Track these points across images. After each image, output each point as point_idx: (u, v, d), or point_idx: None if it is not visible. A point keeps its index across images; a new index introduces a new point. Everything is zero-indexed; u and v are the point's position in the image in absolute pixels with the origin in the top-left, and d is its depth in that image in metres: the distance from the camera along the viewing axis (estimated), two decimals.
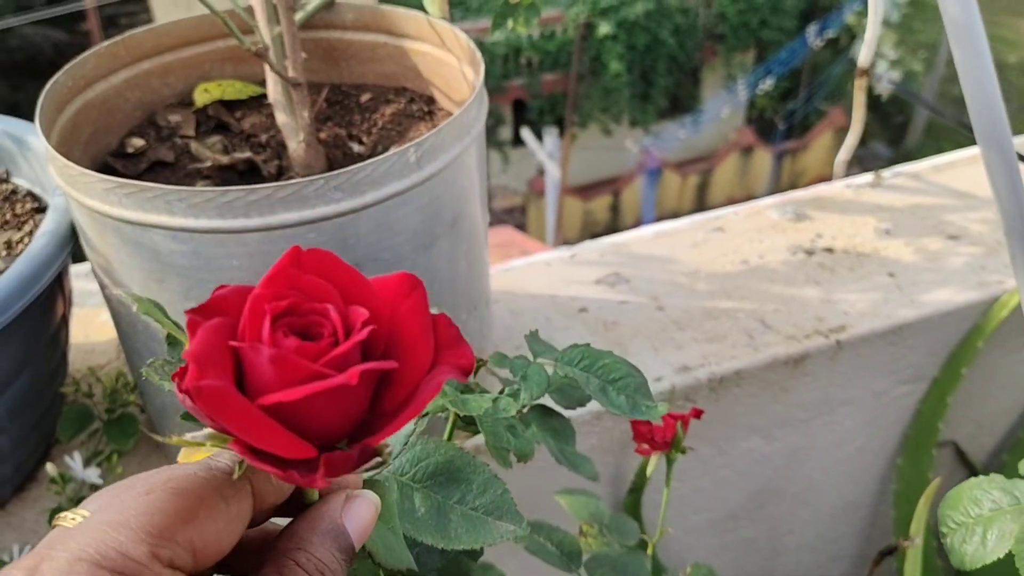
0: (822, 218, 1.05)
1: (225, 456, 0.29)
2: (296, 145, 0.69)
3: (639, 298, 0.94)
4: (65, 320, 0.74)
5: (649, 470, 0.62)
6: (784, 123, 9.04)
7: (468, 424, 0.44)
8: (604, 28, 8.06)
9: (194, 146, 0.74)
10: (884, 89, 8.00)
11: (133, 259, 0.60)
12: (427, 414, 0.40)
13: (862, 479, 1.03)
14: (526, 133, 7.52)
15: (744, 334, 0.89)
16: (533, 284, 0.96)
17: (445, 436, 0.45)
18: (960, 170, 1.13)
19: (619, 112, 9.16)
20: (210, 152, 0.72)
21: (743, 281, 0.96)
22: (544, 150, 7.34)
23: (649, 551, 0.63)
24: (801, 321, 0.90)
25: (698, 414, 0.59)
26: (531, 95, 8.64)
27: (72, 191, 0.60)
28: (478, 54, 0.69)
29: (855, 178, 1.12)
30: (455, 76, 0.76)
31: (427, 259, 0.65)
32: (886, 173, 1.12)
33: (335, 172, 0.57)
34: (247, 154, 0.72)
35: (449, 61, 0.76)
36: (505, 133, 9.13)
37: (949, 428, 0.99)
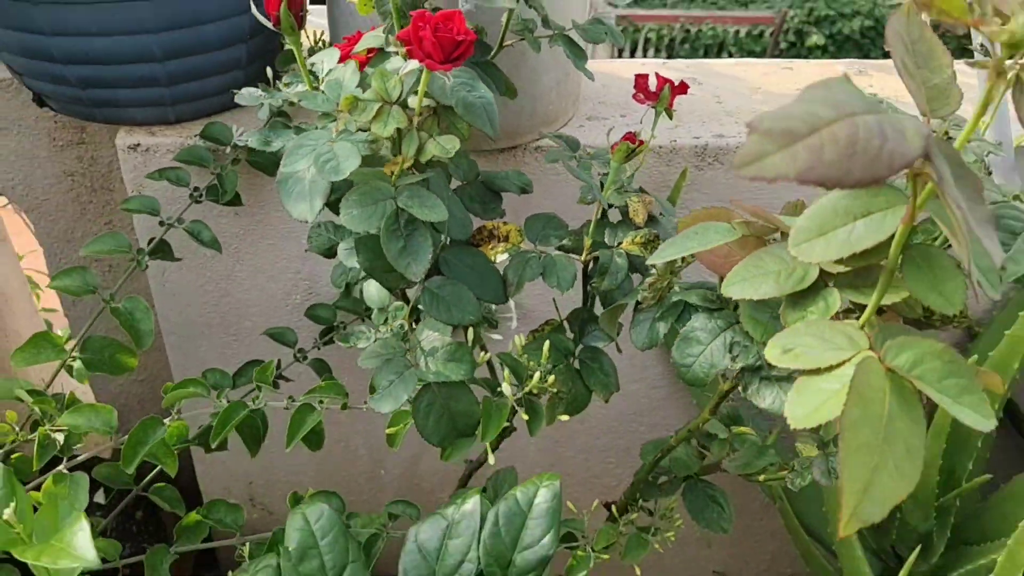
0: (880, 78, 1.26)
1: None
2: None
3: (703, 93, 1.19)
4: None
5: (654, 128, 0.87)
6: None
7: None
8: (815, 38, 8.02)
9: None
10: None
11: None
12: None
13: None
14: None
15: None
16: (623, 70, 1.23)
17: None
18: None
19: None
20: None
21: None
22: None
23: None
24: None
25: (684, 88, 0.84)
26: None
27: None
28: None
29: None
30: None
31: None
32: None
33: None
34: None
35: None
36: None
37: None
